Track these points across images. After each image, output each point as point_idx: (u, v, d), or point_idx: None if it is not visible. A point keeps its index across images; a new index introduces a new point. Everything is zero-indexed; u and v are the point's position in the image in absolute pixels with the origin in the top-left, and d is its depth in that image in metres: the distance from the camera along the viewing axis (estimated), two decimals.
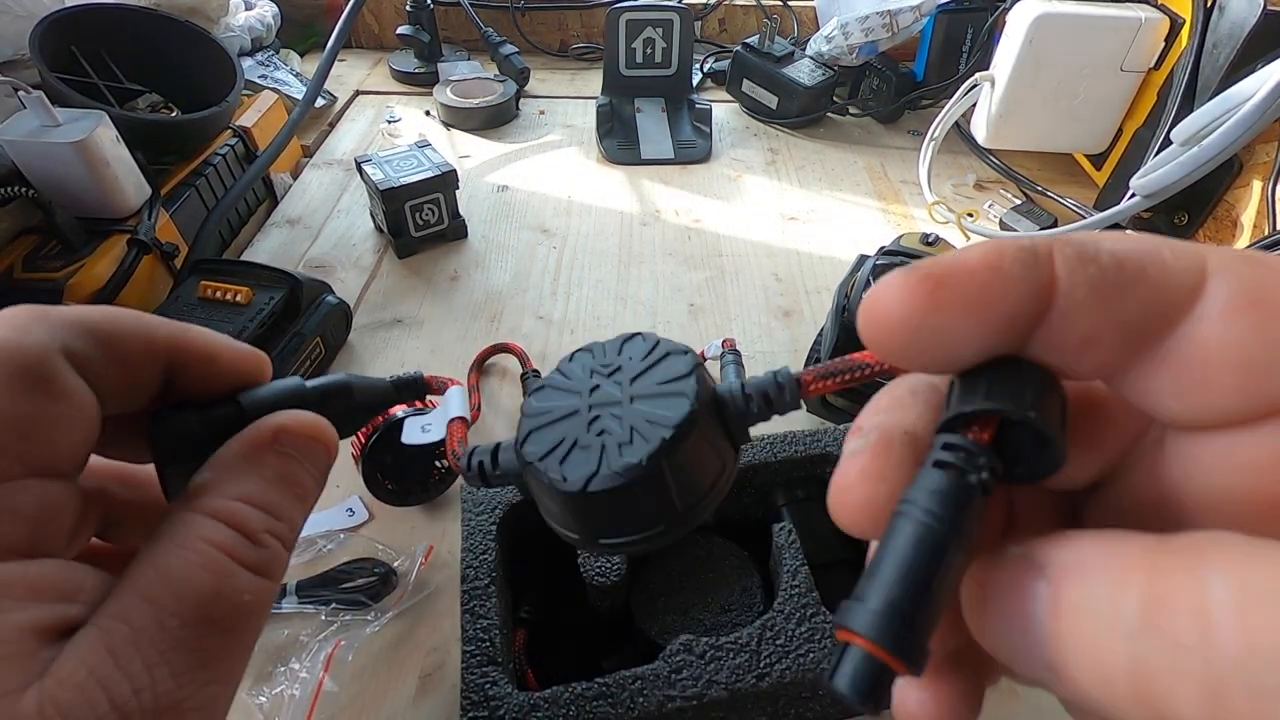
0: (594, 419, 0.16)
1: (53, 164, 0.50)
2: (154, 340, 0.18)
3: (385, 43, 1.00)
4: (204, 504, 0.17)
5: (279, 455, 0.18)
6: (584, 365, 0.17)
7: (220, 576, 0.16)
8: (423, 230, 0.63)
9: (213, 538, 0.16)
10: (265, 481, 0.18)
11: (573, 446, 0.15)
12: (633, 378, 0.16)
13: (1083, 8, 0.63)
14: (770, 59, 0.82)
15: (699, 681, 0.29)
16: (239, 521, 0.17)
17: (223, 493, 0.17)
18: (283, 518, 0.18)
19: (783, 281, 0.63)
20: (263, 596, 0.17)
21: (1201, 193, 0.62)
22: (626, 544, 0.15)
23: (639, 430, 0.15)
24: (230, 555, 0.16)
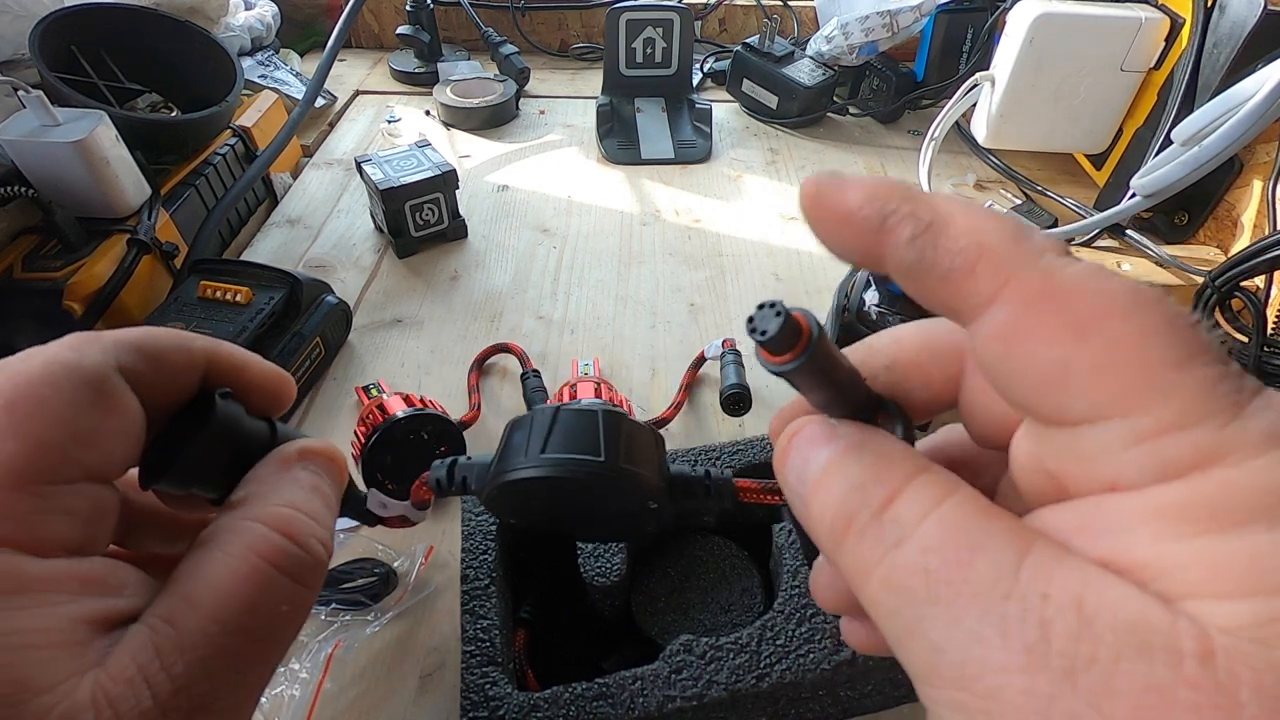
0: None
1: (53, 164, 0.50)
2: (192, 352, 0.19)
3: (385, 43, 1.00)
4: (255, 511, 0.18)
5: (306, 470, 0.20)
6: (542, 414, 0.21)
7: (263, 588, 0.17)
8: (423, 230, 0.63)
9: (260, 548, 0.17)
10: (303, 490, 0.19)
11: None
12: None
13: (1083, 8, 0.63)
14: (770, 59, 0.82)
15: (699, 681, 0.29)
16: (290, 527, 0.18)
17: (270, 500, 0.19)
18: (323, 524, 0.19)
19: (783, 281, 0.63)
20: (301, 606, 0.18)
21: (1202, 193, 0.62)
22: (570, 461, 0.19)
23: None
24: (275, 565, 0.17)
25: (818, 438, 0.15)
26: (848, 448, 0.15)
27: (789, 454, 0.16)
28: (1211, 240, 0.65)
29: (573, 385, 0.46)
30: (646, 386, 0.53)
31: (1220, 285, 0.50)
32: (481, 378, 0.52)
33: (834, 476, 0.14)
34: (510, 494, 0.20)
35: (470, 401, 0.50)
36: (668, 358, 0.55)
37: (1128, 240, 0.64)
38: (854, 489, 0.14)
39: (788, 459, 0.16)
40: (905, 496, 0.13)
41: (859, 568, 0.13)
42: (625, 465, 0.19)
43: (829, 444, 0.15)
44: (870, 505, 0.13)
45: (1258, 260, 0.48)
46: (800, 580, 0.32)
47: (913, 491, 0.13)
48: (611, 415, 0.19)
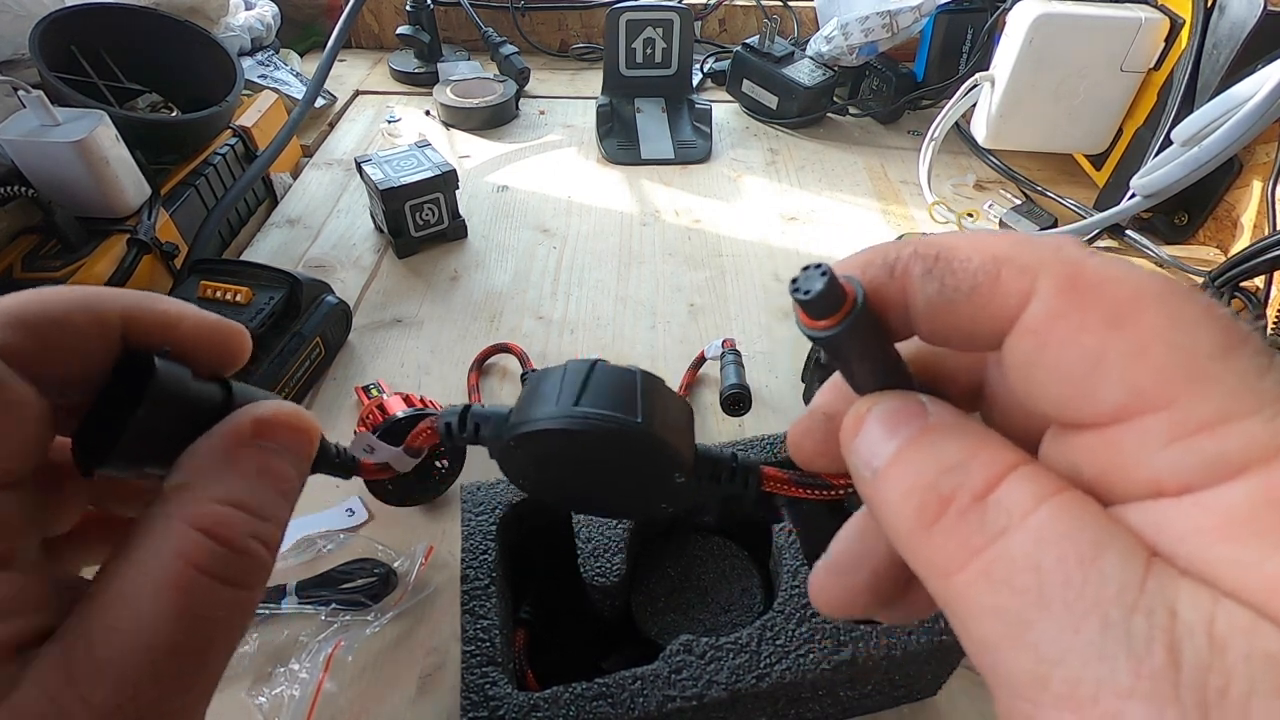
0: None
1: (52, 164, 0.50)
2: (102, 316, 0.16)
3: (385, 43, 1.00)
4: (181, 510, 0.15)
5: (260, 450, 0.17)
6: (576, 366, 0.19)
7: (191, 598, 0.14)
8: (423, 230, 0.63)
9: (189, 552, 0.15)
10: (246, 478, 0.16)
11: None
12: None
13: (1083, 8, 0.63)
14: (770, 59, 0.82)
15: (699, 681, 0.29)
16: (220, 528, 0.15)
17: (201, 494, 0.16)
18: (268, 517, 0.16)
19: (783, 281, 0.63)
20: (241, 610, 0.16)
21: (1201, 193, 0.62)
22: (605, 417, 0.17)
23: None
24: (207, 572, 0.15)
25: (901, 412, 0.13)
26: (940, 424, 0.13)
27: (864, 427, 0.14)
28: (1211, 240, 0.65)
29: None
30: None
31: (1220, 285, 0.50)
32: (481, 378, 0.52)
33: (923, 453, 0.13)
34: (529, 447, 0.18)
35: (470, 401, 0.50)
36: (668, 358, 0.55)
37: (1127, 240, 0.64)
38: (951, 468, 0.12)
39: (862, 432, 0.14)
40: (1012, 482, 0.12)
41: (950, 558, 0.12)
42: (660, 433, 0.17)
43: (916, 418, 0.13)
44: (972, 487, 0.12)
45: (1258, 260, 0.48)
46: (800, 580, 0.32)
47: (1020, 478, 0.12)
48: (651, 378, 0.18)
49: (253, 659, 0.36)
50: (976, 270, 0.12)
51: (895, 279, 0.13)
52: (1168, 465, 0.11)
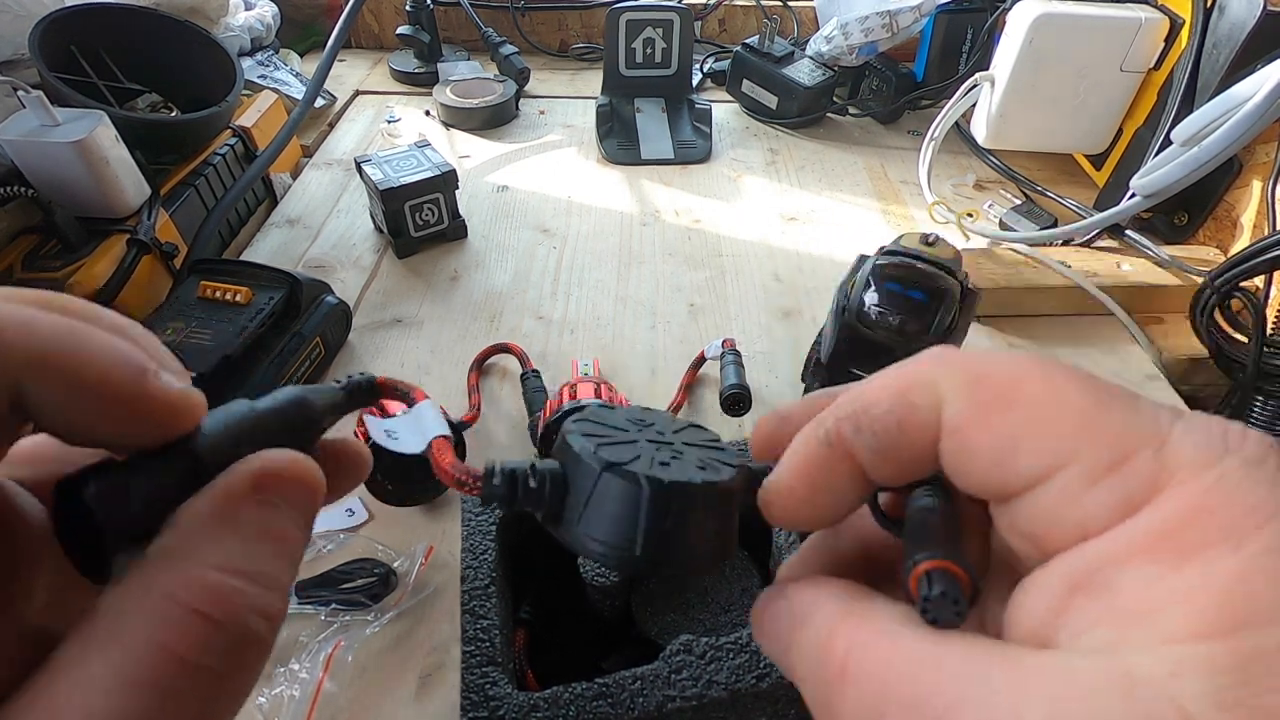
0: (657, 449, 0.16)
1: (52, 164, 0.50)
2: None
3: (385, 43, 1.00)
4: (166, 579, 0.12)
5: (260, 506, 0.14)
6: (616, 417, 0.17)
7: (172, 698, 0.11)
8: (422, 230, 0.63)
9: (171, 637, 0.12)
10: (246, 541, 0.13)
11: (652, 460, 0.16)
12: (674, 430, 0.17)
13: (1083, 8, 0.63)
14: (770, 59, 0.82)
15: (699, 681, 0.29)
16: (218, 602, 0.12)
17: (192, 560, 0.13)
18: (271, 586, 0.13)
19: (783, 281, 0.63)
20: (235, 694, 0.13)
21: (1201, 193, 0.62)
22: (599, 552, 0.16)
23: (707, 465, 0.16)
24: (195, 662, 0.12)
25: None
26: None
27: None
28: (1211, 240, 0.65)
29: (573, 385, 0.46)
30: (646, 386, 0.53)
31: (1220, 285, 0.50)
32: (481, 378, 0.52)
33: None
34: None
35: (470, 401, 0.50)
36: (667, 358, 0.55)
37: (1127, 240, 0.64)
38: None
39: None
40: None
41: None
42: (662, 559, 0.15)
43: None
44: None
45: (1257, 260, 0.48)
46: None
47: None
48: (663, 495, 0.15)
49: None
50: (891, 410, 0.14)
51: (835, 449, 0.15)
52: (1085, 511, 0.12)
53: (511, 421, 0.50)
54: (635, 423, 0.18)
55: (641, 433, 0.17)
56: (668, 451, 0.16)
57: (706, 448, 0.17)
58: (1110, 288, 0.58)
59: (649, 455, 0.16)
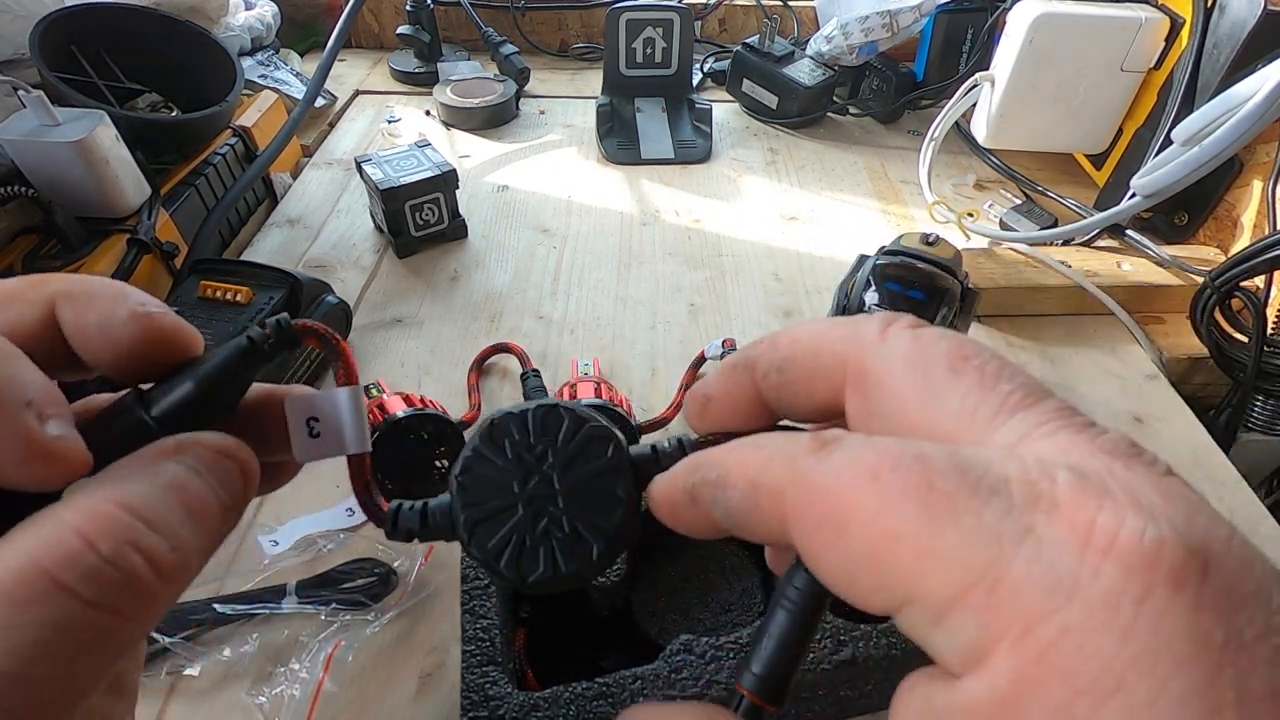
0: (535, 515, 0.17)
1: (52, 163, 0.50)
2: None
3: (385, 43, 1.00)
4: (65, 505, 0.13)
5: (179, 464, 0.14)
6: (509, 444, 0.17)
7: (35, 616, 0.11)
8: (423, 230, 0.63)
9: (47, 555, 0.12)
10: (153, 487, 0.13)
11: (522, 546, 0.17)
12: (563, 467, 0.17)
13: (1083, 8, 0.63)
14: (770, 59, 0.82)
15: (699, 681, 0.29)
16: (99, 527, 0.12)
17: (97, 495, 0.13)
18: (161, 530, 0.13)
19: (783, 281, 0.63)
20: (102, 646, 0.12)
21: (1202, 193, 0.62)
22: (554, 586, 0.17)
23: (582, 534, 0.17)
24: (60, 581, 0.12)
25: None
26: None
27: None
28: (1211, 240, 0.65)
29: (573, 385, 0.46)
30: (646, 386, 0.53)
31: (1220, 285, 0.50)
32: (481, 378, 0.52)
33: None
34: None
35: (470, 401, 0.50)
36: (668, 358, 0.55)
37: (1128, 240, 0.64)
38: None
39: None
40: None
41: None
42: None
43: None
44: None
45: (1258, 260, 0.48)
46: None
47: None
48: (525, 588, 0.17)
49: (253, 659, 0.36)
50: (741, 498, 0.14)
51: (697, 505, 0.15)
52: (940, 652, 0.11)
53: None
54: (528, 453, 0.17)
55: (530, 484, 0.17)
56: (546, 514, 0.17)
57: (595, 483, 0.17)
58: (1110, 287, 0.58)
59: (524, 532, 0.17)
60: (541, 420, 0.17)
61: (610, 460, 0.17)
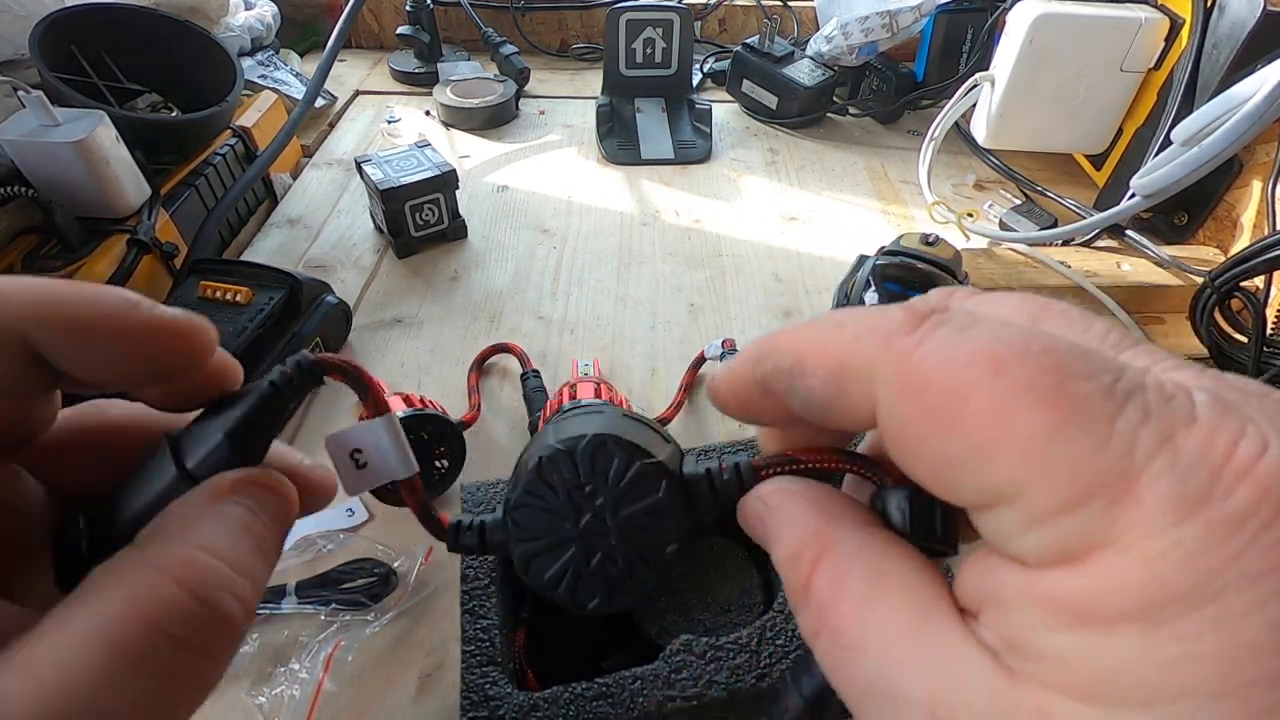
0: (588, 551, 0.17)
1: (52, 164, 0.50)
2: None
3: (385, 43, 1.00)
4: (153, 553, 0.13)
5: (239, 506, 0.15)
6: (560, 483, 0.17)
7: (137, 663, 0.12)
8: (423, 230, 0.63)
9: (149, 602, 0.12)
10: (229, 530, 0.14)
11: (578, 578, 0.17)
12: (614, 505, 0.17)
13: (1083, 8, 0.63)
14: (770, 59, 0.82)
15: (699, 681, 0.29)
16: (194, 574, 0.13)
17: (178, 540, 0.13)
18: (247, 575, 0.14)
19: (783, 281, 0.63)
20: (197, 686, 0.13)
21: (1201, 193, 0.62)
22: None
23: (635, 567, 0.17)
24: (163, 629, 0.12)
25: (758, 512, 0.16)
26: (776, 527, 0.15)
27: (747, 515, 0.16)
28: (1211, 240, 0.65)
29: (573, 385, 0.46)
30: (646, 386, 0.53)
31: (1220, 285, 0.50)
32: (481, 378, 0.52)
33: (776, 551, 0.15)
34: None
35: (470, 401, 0.50)
36: (667, 358, 0.55)
37: (1127, 240, 0.64)
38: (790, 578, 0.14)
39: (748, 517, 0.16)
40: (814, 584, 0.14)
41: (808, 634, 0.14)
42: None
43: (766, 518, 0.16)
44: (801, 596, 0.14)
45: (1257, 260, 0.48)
46: None
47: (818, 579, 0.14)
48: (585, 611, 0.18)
49: (253, 659, 0.36)
50: (823, 385, 0.13)
51: (770, 394, 0.14)
52: (1023, 550, 0.11)
53: (511, 421, 0.50)
54: (579, 490, 0.17)
55: (580, 519, 0.17)
56: (600, 549, 0.17)
57: (647, 520, 0.17)
58: (1110, 288, 0.58)
59: (579, 567, 0.17)
60: (591, 458, 0.17)
61: (661, 499, 0.17)
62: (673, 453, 0.18)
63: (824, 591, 0.13)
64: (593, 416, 0.18)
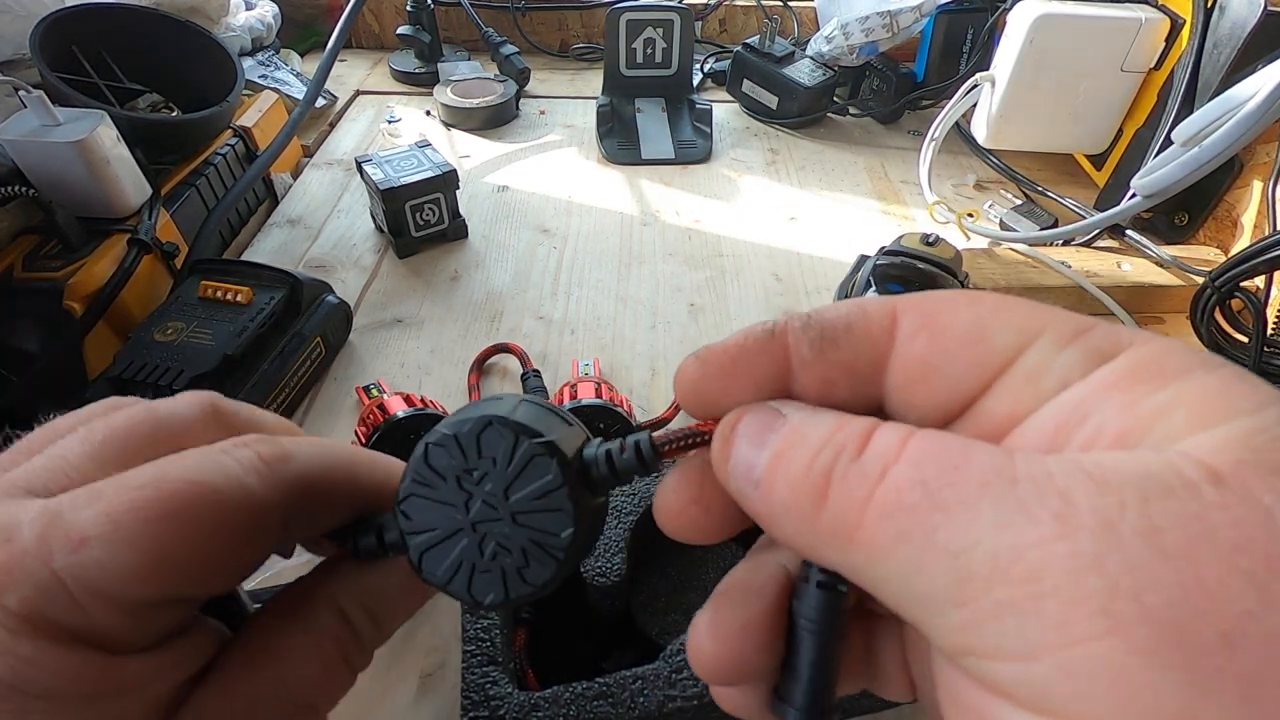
0: (482, 540, 0.16)
1: (53, 163, 0.50)
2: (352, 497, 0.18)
3: (385, 43, 1.00)
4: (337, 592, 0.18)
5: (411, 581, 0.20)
6: (448, 469, 0.16)
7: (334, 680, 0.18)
8: (423, 230, 0.63)
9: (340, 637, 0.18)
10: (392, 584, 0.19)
11: (473, 571, 0.17)
12: (504, 490, 0.16)
13: (1083, 8, 0.63)
14: (770, 59, 0.82)
15: (699, 682, 0.29)
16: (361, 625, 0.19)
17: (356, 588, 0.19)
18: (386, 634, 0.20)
19: (783, 281, 0.63)
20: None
21: (1202, 193, 0.62)
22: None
23: (531, 554, 0.16)
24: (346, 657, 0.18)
25: (762, 422, 0.14)
26: (801, 419, 0.14)
27: (733, 447, 0.14)
28: (1211, 240, 0.65)
29: (573, 385, 0.46)
30: (646, 386, 0.53)
31: (1220, 285, 0.50)
32: (481, 378, 0.52)
33: (796, 446, 0.13)
34: None
35: (470, 401, 0.50)
36: (668, 358, 0.55)
37: (1128, 240, 0.64)
38: (823, 445, 0.13)
39: (733, 453, 0.14)
40: (880, 434, 0.13)
41: (846, 519, 0.12)
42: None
43: (776, 422, 0.14)
44: (847, 452, 0.13)
45: (1258, 260, 0.48)
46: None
47: (886, 430, 0.13)
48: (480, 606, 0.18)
49: None
50: (847, 313, 0.15)
51: (775, 337, 0.15)
52: (1067, 363, 0.13)
53: None
54: (468, 476, 0.16)
55: (472, 508, 0.16)
56: (494, 537, 0.16)
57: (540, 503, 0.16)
58: (1110, 288, 0.58)
59: (472, 558, 0.16)
60: (477, 441, 0.16)
61: (551, 481, 0.16)
62: (571, 434, 0.17)
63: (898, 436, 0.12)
64: (490, 403, 0.17)
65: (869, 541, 0.12)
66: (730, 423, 0.15)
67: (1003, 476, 0.11)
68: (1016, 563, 0.10)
